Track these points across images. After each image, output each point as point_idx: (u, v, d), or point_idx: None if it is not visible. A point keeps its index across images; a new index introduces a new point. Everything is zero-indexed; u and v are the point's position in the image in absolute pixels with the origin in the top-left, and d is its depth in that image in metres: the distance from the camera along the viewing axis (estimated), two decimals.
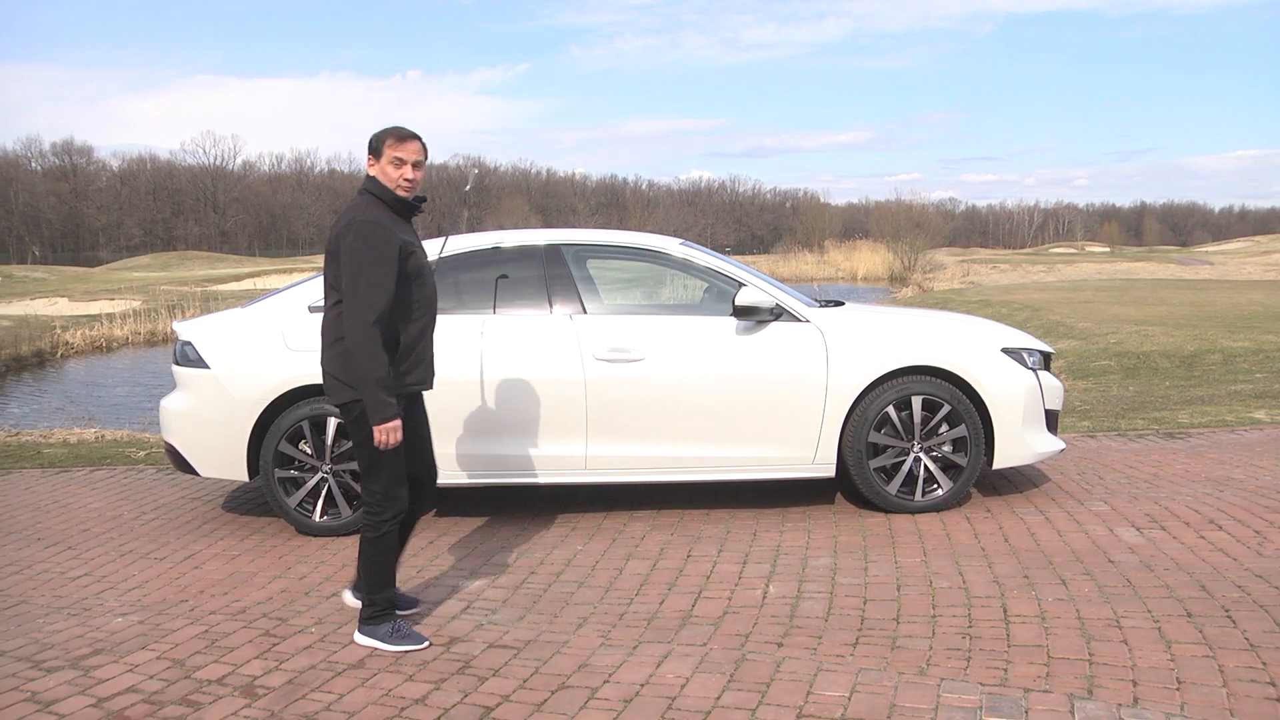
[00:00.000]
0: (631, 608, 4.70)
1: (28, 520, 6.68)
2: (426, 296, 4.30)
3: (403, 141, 4.29)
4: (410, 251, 4.20)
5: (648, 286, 8.90)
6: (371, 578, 4.37)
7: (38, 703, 3.92)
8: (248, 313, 6.30)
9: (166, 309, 32.86)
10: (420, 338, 4.31)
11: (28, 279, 53.90)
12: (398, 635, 4.33)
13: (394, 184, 4.26)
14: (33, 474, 8.13)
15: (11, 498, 7.30)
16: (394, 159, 4.26)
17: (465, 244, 6.35)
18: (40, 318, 31.72)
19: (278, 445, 5.94)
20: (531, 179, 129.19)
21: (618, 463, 5.96)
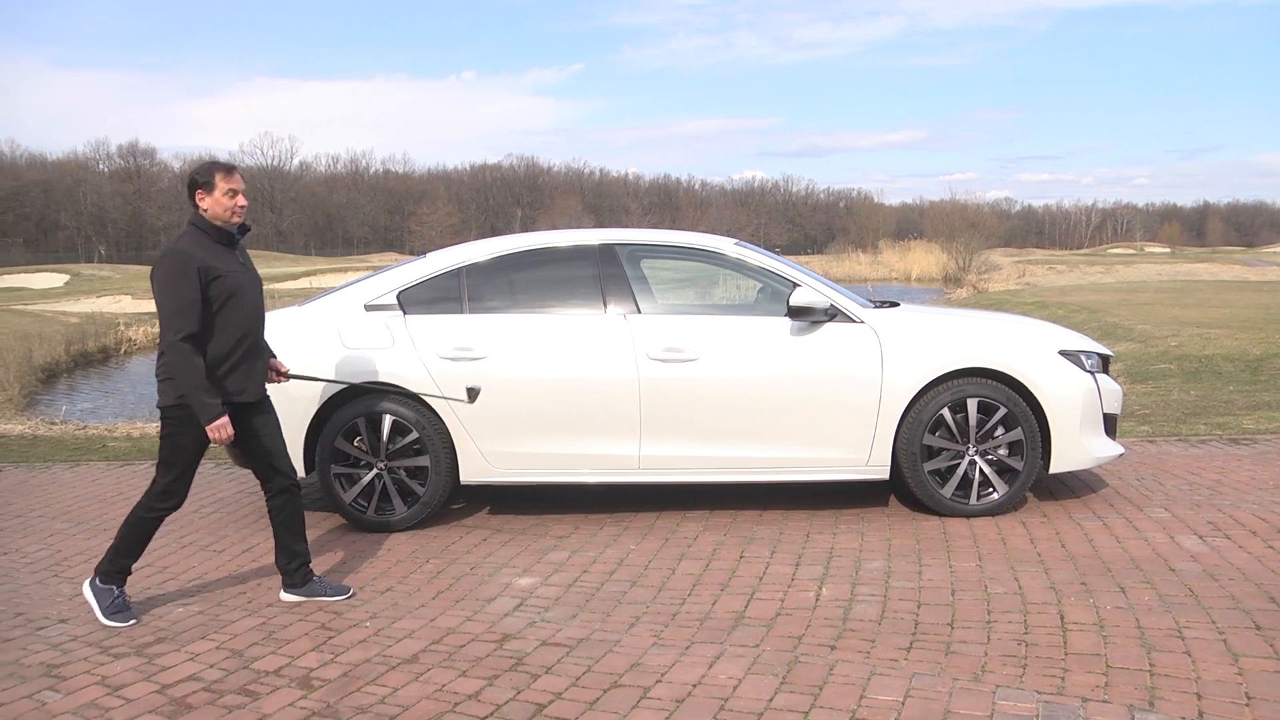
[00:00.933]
0: (684, 608, 4.69)
1: (95, 511, 6.82)
2: (242, 317, 4.67)
3: (230, 174, 4.71)
4: (216, 276, 4.56)
5: (700, 286, 8.89)
6: (121, 544, 4.80)
7: (107, 686, 4.05)
8: (305, 311, 6.38)
9: None
10: (234, 353, 4.67)
11: (94, 277, 55.09)
12: (113, 608, 4.76)
13: (229, 212, 4.67)
14: (99, 466, 8.30)
15: (79, 489, 7.46)
16: (228, 190, 4.67)
17: (518, 244, 6.38)
18: (105, 315, 32.37)
19: (334, 441, 6.02)
20: (585, 179, 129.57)
21: (671, 463, 5.96)
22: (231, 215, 4.68)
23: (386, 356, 6.01)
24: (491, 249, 6.35)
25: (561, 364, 5.96)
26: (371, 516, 6.07)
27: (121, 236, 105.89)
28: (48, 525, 6.47)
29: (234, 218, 4.69)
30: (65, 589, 5.26)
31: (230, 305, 4.62)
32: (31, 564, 5.67)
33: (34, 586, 5.32)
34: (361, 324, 6.13)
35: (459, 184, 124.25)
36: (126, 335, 28.85)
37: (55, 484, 7.62)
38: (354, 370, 6.00)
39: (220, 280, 4.58)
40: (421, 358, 5.98)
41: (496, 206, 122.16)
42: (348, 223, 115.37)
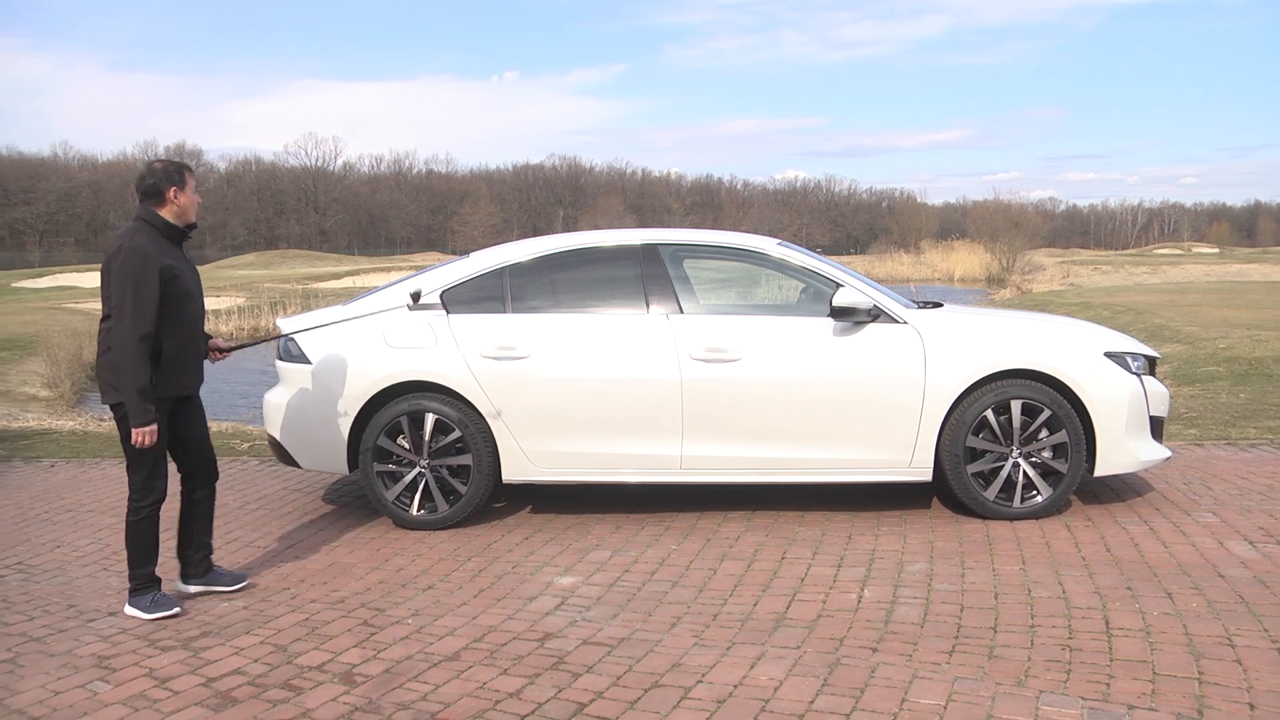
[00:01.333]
0: (725, 608, 4.69)
1: None
2: (192, 314, 4.82)
3: (192, 174, 4.93)
4: (174, 275, 4.71)
5: (742, 286, 8.87)
6: (133, 555, 4.87)
7: (155, 679, 4.12)
8: (349, 310, 6.43)
9: (269, 305, 33.76)
10: (184, 349, 4.81)
11: None
12: (154, 605, 4.83)
13: (192, 209, 4.88)
14: None
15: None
16: (194, 188, 4.88)
17: (561, 243, 6.41)
18: None
19: (377, 439, 6.07)
20: (627, 179, 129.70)
21: (713, 463, 5.95)
22: (193, 214, 4.90)
23: (430, 355, 6.05)
24: (534, 249, 6.38)
25: (604, 364, 5.97)
26: (414, 514, 6.12)
27: None
28: (98, 520, 6.58)
29: (193, 215, 4.90)
30: (115, 582, 5.34)
31: (183, 304, 4.76)
32: (82, 557, 5.77)
33: (85, 580, 5.42)
34: (406, 323, 6.17)
35: (501, 184, 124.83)
36: None
37: (105, 479, 7.74)
38: (398, 369, 6.05)
39: (177, 279, 4.73)
40: (464, 357, 6.02)
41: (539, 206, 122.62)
42: (391, 222, 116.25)
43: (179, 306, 4.74)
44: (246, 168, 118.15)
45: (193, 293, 4.84)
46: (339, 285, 46.76)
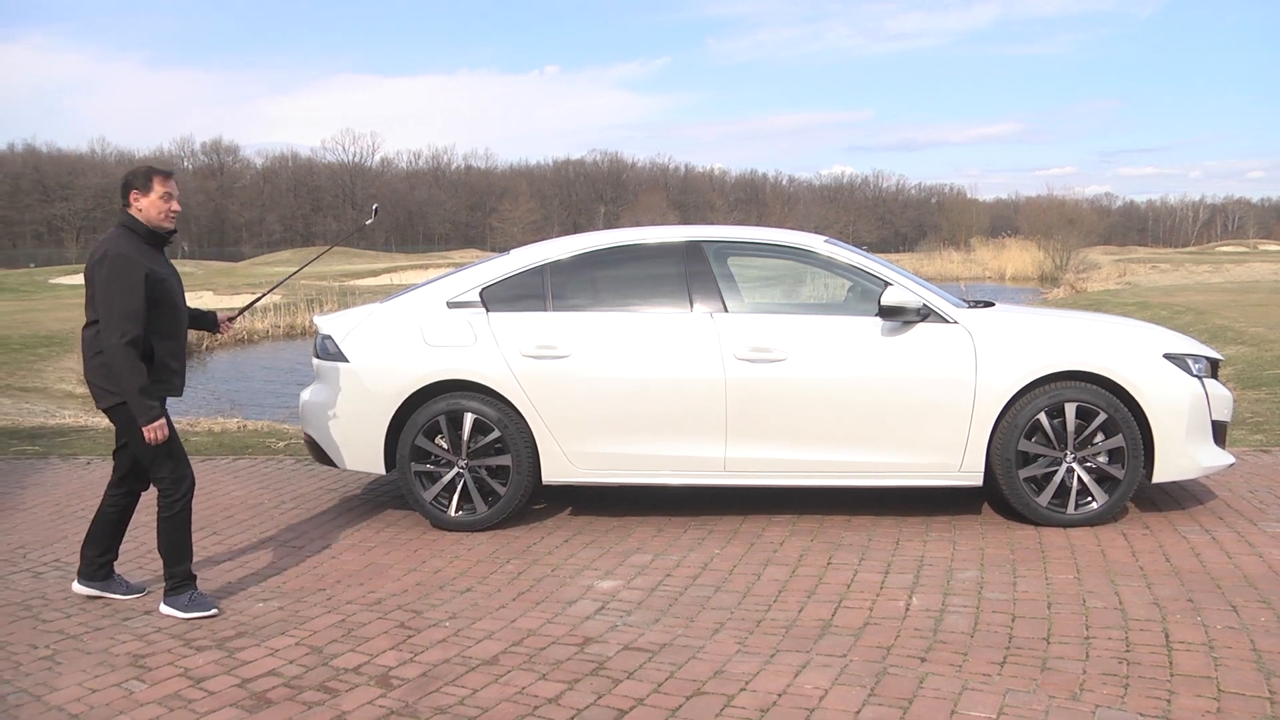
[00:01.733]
0: (769, 614, 4.68)
1: None
2: (174, 317, 4.90)
3: (168, 178, 4.92)
4: (159, 279, 4.79)
5: (787, 285, 8.84)
6: (170, 553, 4.95)
7: (190, 679, 4.18)
8: (387, 307, 6.49)
9: (305, 303, 34.10)
10: (171, 354, 4.90)
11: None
12: (192, 604, 4.89)
13: (163, 216, 4.87)
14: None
15: None
16: (164, 194, 4.87)
17: (603, 241, 6.42)
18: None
19: (414, 439, 6.11)
20: (669, 174, 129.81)
21: (757, 465, 5.94)
22: (164, 219, 4.89)
23: (469, 354, 6.09)
24: (575, 246, 6.39)
25: (646, 363, 5.97)
26: (452, 515, 6.15)
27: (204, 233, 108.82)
28: (135, 519, 6.61)
29: (166, 221, 4.90)
30: (151, 582, 5.41)
31: (169, 308, 4.85)
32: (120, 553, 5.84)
33: (122, 576, 5.48)
34: (444, 321, 6.21)
35: (541, 180, 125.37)
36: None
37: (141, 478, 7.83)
38: (437, 367, 6.08)
39: (161, 283, 4.82)
40: (504, 355, 6.05)
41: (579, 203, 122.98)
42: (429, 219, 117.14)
43: (165, 311, 4.84)
44: (283, 163, 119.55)
45: (177, 297, 4.93)
46: (376, 282, 47.16)
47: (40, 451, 9.10)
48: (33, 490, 7.57)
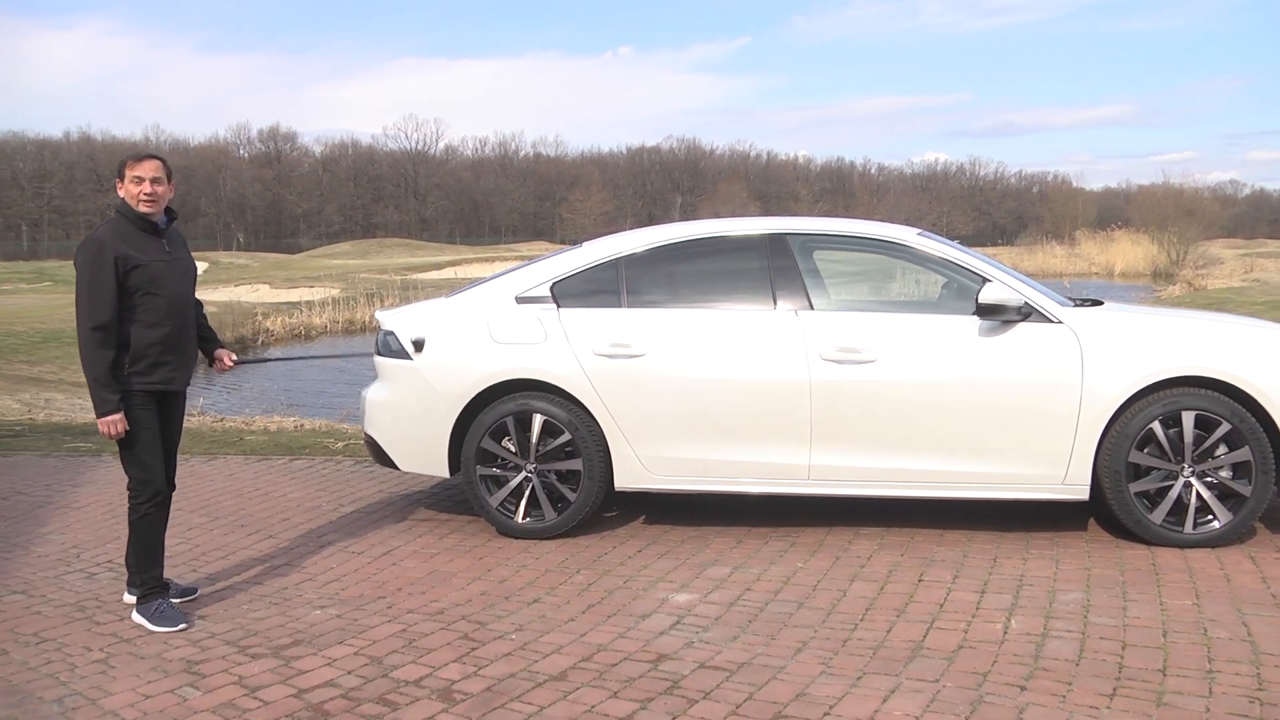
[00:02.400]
0: (856, 634, 4.65)
1: (232, 507, 7.17)
2: (161, 305, 4.99)
3: (139, 161, 5.05)
4: (135, 265, 4.90)
5: (876, 281, 8.78)
6: (137, 558, 5.10)
7: (245, 687, 4.27)
8: (452, 302, 6.57)
9: (365, 297, 34.64)
10: (158, 343, 5.00)
11: (232, 265, 57.83)
12: (159, 616, 4.99)
13: (135, 200, 4.99)
14: (236, 460, 8.72)
15: (218, 483, 7.86)
16: (133, 178, 5.00)
17: (681, 233, 6.43)
18: (243, 304, 33.96)
19: (480, 441, 6.17)
20: (750, 163, 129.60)
21: (844, 474, 5.91)
22: (137, 203, 4.99)
23: (539, 352, 6.14)
24: (651, 238, 6.42)
25: (726, 363, 5.97)
26: (519, 522, 6.21)
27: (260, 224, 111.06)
28: (186, 519, 6.83)
29: (141, 205, 5.00)
30: (204, 584, 5.54)
31: (150, 294, 4.95)
32: (170, 557, 5.98)
33: (172, 579, 5.62)
34: (512, 317, 6.27)
35: (614, 168, 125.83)
36: (264, 326, 30.20)
37: (193, 476, 8.04)
38: (505, 366, 6.14)
39: (140, 269, 4.92)
40: (575, 354, 6.09)
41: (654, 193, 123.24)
42: (495, 210, 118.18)
43: (144, 298, 4.93)
44: (343, 151, 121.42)
45: (163, 284, 5.00)
46: (440, 276, 47.64)
47: (93, 450, 9.36)
48: (86, 489, 7.79)
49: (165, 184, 5.07)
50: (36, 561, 6.04)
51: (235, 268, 55.67)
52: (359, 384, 7.11)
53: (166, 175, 5.08)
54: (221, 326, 27.92)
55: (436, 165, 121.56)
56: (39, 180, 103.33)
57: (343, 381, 20.69)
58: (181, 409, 5.37)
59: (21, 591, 5.52)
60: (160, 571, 5.13)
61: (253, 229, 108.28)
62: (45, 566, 5.95)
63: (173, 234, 5.20)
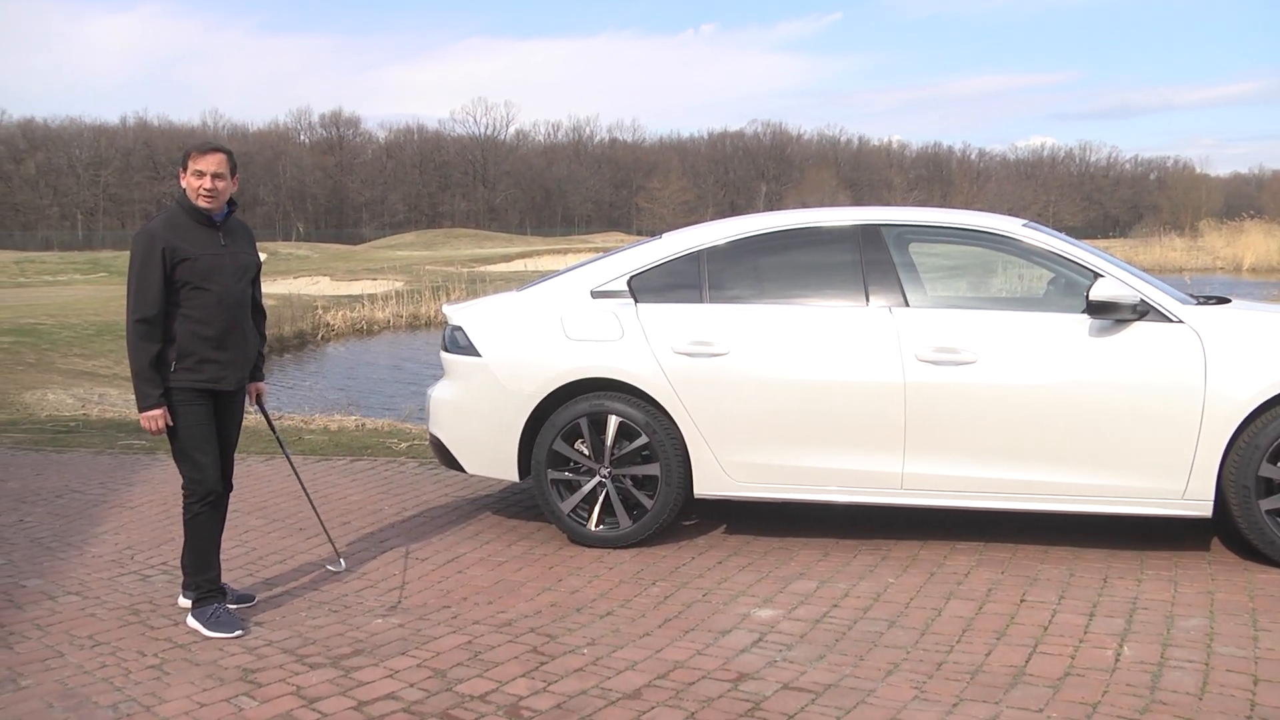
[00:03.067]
0: (951, 656, 4.61)
1: (290, 508, 7.30)
2: (210, 300, 5.09)
3: (204, 155, 5.13)
4: (185, 258, 5.01)
5: (976, 275, 8.70)
6: (192, 559, 5.24)
7: (302, 698, 4.35)
8: (524, 296, 6.63)
9: (431, 290, 35.01)
10: (206, 340, 5.10)
11: (292, 256, 58.85)
12: (215, 621, 5.08)
13: (194, 194, 5.09)
14: (295, 460, 8.85)
15: (275, 484, 8.00)
16: (195, 171, 5.10)
17: (767, 224, 6.43)
18: (303, 297, 34.51)
19: (552, 443, 6.22)
20: (840, 148, 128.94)
21: (940, 483, 5.86)
22: (197, 197, 5.10)
23: (615, 349, 6.17)
24: (735, 230, 6.42)
25: (814, 363, 5.96)
26: (592, 530, 6.25)
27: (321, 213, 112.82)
28: (243, 521, 6.97)
29: (199, 200, 5.10)
30: (261, 589, 5.65)
31: (198, 288, 5.05)
32: (227, 561, 6.10)
33: (230, 585, 5.74)
34: (587, 312, 6.31)
35: (694, 154, 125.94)
36: (324, 319, 30.66)
37: (250, 476, 8.19)
38: (579, 364, 6.18)
39: (189, 263, 5.02)
40: (654, 352, 6.11)
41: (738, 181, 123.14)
42: (568, 198, 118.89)
43: (192, 292, 5.03)
44: (408, 137, 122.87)
45: (214, 278, 5.08)
46: (509, 269, 48.07)
47: (148, 447, 9.58)
48: (140, 488, 7.99)
49: (228, 179, 5.17)
50: (91, 562, 6.20)
51: (295, 259, 56.62)
52: (420, 382, 7.20)
53: (230, 170, 5.18)
54: (280, 320, 28.39)
55: (506, 151, 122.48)
56: (95, 168, 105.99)
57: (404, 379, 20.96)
58: (239, 409, 5.47)
59: (76, 593, 5.68)
60: (216, 575, 5.24)
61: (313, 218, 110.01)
62: (99, 567, 6.11)
63: (233, 226, 5.30)
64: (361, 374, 22.82)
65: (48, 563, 6.21)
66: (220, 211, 5.19)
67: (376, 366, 24.16)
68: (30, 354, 20.89)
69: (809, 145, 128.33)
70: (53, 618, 5.31)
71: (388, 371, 23.10)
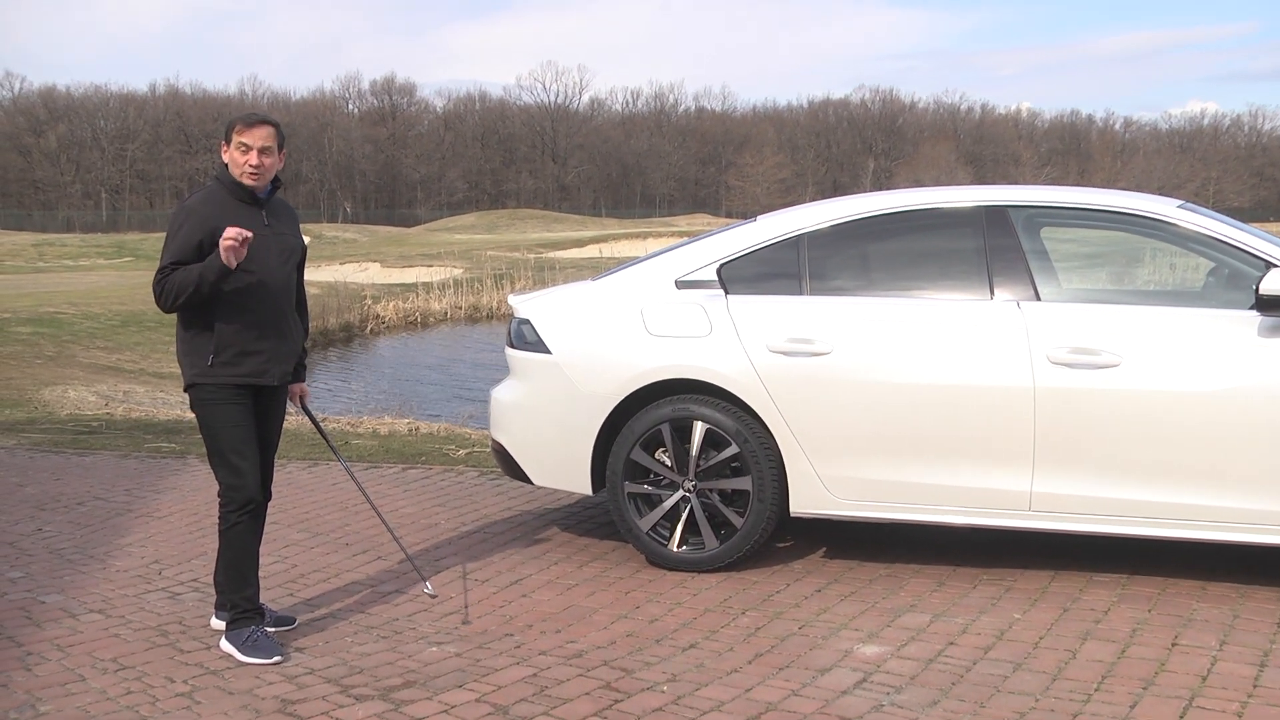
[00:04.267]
0: (1089, 707, 4.56)
1: (335, 521, 7.40)
2: (251, 285, 5.15)
3: (250, 127, 5.21)
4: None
5: (1119, 265, 8.60)
6: (228, 575, 5.31)
7: None
8: (599, 287, 6.67)
9: (493, 279, 35.31)
10: (246, 330, 5.20)
11: (338, 240, 59.72)
12: (251, 645, 5.15)
13: (239, 170, 5.19)
14: (340, 468, 8.97)
15: (319, 494, 8.12)
16: (240, 145, 5.18)
17: (876, 205, 6.40)
18: (350, 286, 35.02)
19: (630, 452, 6.25)
20: (960, 118, 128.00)
21: (1075, 505, 5.80)
22: (241, 174, 5.20)
23: (702, 347, 6.18)
24: (840, 212, 6.40)
25: (929, 365, 5.92)
26: (674, 551, 6.26)
27: (370, 191, 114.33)
28: (283, 534, 7.08)
29: (244, 177, 5.20)
30: (302, 611, 5.73)
31: (240, 273, 5.10)
32: (265, 579, 6.18)
33: (267, 605, 5.83)
34: (672, 305, 6.33)
35: (792, 126, 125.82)
36: (374, 311, 31.05)
37: (291, 485, 8.32)
38: (662, 363, 6.20)
39: None
40: (746, 350, 6.11)
41: (842, 156, 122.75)
42: (649, 176, 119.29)
43: (233, 278, 5.08)
44: (468, 106, 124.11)
45: (258, 263, 5.15)
46: (582, 255, 48.32)
47: (177, 450, 9.78)
48: (169, 496, 8.15)
49: (275, 155, 5.25)
50: (115, 577, 6.35)
51: (341, 243, 57.44)
52: (481, 382, 7.25)
53: (278, 144, 5.25)
54: (324, 312, 28.78)
55: (579, 123, 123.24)
56: (121, 141, 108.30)
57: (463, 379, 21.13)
58: (281, 408, 5.56)
59: (99, 611, 5.81)
60: (254, 593, 5.33)
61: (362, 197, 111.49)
62: (125, 583, 6.24)
63: (276, 205, 5.40)
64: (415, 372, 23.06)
65: (68, 577, 6.36)
66: (264, 190, 5.28)
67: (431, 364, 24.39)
68: (49, 346, 21.40)
69: (924, 115, 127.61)
70: (74, 637, 5.44)
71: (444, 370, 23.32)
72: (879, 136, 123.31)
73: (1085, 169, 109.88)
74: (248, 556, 5.31)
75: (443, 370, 23.12)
